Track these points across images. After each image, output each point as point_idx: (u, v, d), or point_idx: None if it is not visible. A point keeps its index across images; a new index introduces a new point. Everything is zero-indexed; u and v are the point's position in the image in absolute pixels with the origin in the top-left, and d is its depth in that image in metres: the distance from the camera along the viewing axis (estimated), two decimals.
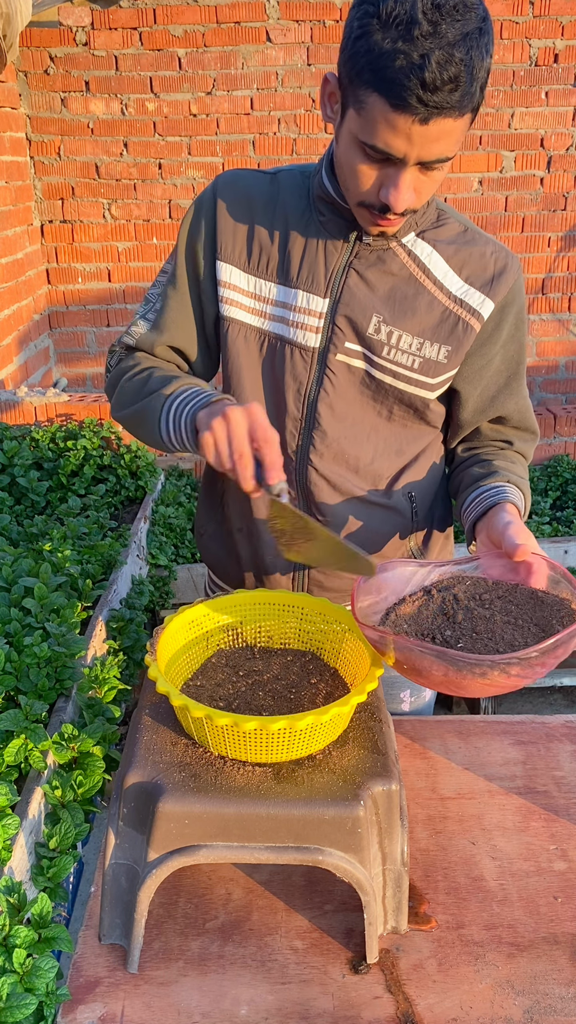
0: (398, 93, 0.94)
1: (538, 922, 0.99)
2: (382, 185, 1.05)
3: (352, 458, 1.27)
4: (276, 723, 0.88)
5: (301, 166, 1.26)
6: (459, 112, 0.97)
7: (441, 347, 1.22)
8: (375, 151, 1.01)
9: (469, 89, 0.95)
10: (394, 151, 1.00)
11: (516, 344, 1.27)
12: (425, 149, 1.00)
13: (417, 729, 1.33)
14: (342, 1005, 0.89)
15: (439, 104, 0.94)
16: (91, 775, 1.12)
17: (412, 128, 0.97)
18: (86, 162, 3.82)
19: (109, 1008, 0.90)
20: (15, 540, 1.93)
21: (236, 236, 1.23)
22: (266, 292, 1.23)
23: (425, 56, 0.92)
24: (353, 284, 1.20)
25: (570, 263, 4.04)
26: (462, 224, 1.24)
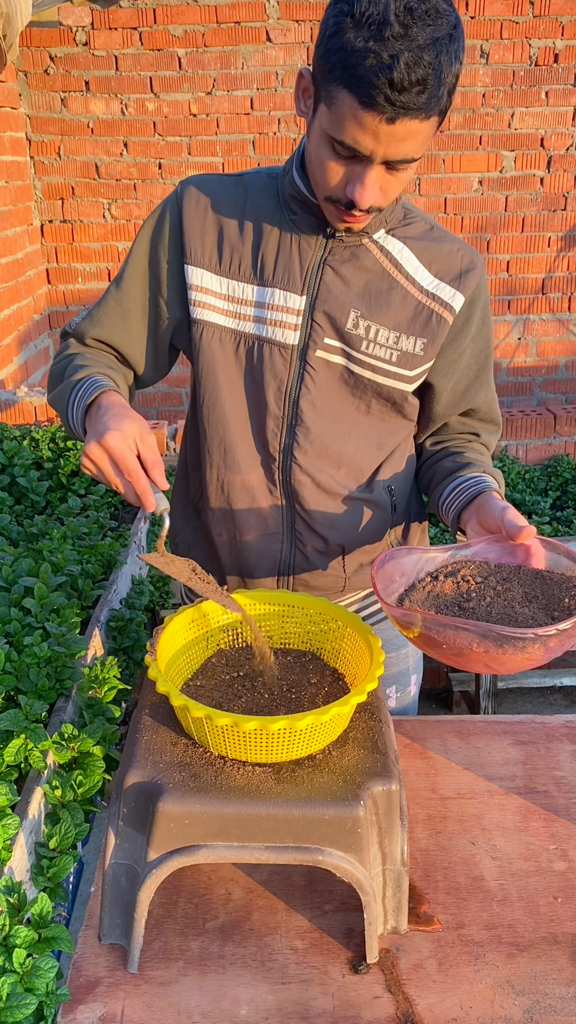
0: (367, 91, 0.96)
1: (538, 922, 0.99)
2: (348, 181, 1.07)
3: (335, 453, 1.27)
4: (276, 723, 0.88)
5: (267, 169, 1.28)
6: (425, 114, 0.99)
7: (417, 340, 1.24)
8: (343, 147, 1.03)
9: (436, 92, 0.98)
10: (361, 148, 1.02)
11: (484, 338, 1.31)
12: (391, 148, 1.02)
13: (417, 729, 1.33)
14: (342, 1005, 0.89)
15: (406, 104, 0.97)
16: (91, 775, 1.12)
17: (379, 127, 0.99)
18: (86, 162, 3.82)
19: (109, 1008, 0.90)
20: (15, 540, 1.93)
21: (205, 239, 1.24)
22: (240, 293, 1.24)
23: (395, 57, 0.94)
24: (329, 280, 1.21)
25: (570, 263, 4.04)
26: (428, 223, 1.27)
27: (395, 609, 0.96)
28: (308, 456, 1.27)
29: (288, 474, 1.28)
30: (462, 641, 0.91)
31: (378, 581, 1.01)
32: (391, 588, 1.03)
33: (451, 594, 1.00)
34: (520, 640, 0.88)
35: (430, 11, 0.95)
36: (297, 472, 1.28)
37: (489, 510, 1.14)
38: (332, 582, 1.36)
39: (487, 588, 1.00)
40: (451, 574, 1.04)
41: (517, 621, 0.94)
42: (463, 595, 1.00)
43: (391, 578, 1.04)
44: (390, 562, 1.05)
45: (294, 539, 1.32)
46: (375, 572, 1.02)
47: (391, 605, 0.97)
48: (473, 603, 0.98)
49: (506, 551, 1.07)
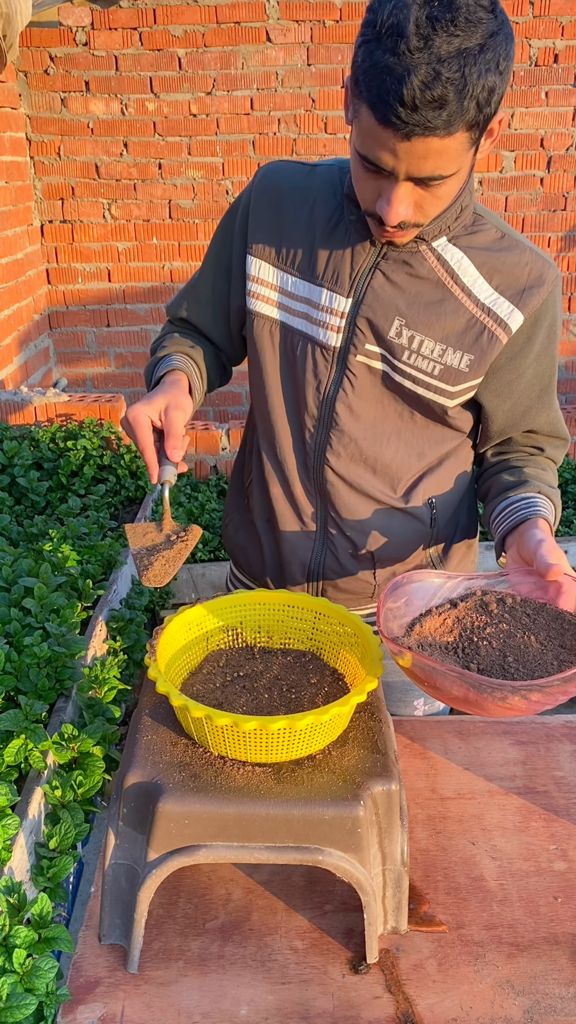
0: (380, 108, 0.93)
1: (538, 922, 0.99)
2: (378, 196, 1.04)
3: (370, 459, 1.26)
4: (276, 723, 0.88)
5: (341, 160, 1.24)
6: (446, 131, 0.93)
7: (464, 355, 1.18)
8: (368, 162, 1.01)
9: (459, 108, 0.91)
10: (382, 164, 0.99)
11: (548, 357, 1.24)
12: (413, 165, 0.97)
13: (417, 729, 1.33)
14: (342, 1005, 0.89)
15: (420, 123, 0.92)
16: (91, 775, 1.12)
17: (396, 144, 0.95)
18: (86, 162, 3.82)
19: (109, 1008, 0.90)
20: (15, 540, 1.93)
21: (267, 230, 1.23)
22: (292, 288, 1.23)
23: (409, 71, 0.89)
24: (378, 286, 1.17)
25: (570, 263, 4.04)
26: (500, 231, 1.20)
27: (386, 640, 0.94)
28: (341, 459, 1.26)
29: (321, 474, 1.28)
30: (445, 682, 0.89)
31: (389, 600, 0.99)
32: (405, 611, 1.01)
33: (464, 626, 0.98)
34: (499, 691, 0.86)
35: (457, 19, 0.88)
36: (329, 474, 1.27)
37: (527, 540, 1.09)
38: (361, 587, 1.34)
39: (502, 624, 0.98)
40: (471, 604, 1.01)
41: (522, 664, 0.92)
42: (476, 628, 0.98)
43: (408, 600, 1.01)
44: (408, 584, 1.02)
45: (326, 540, 1.32)
46: (385, 593, 0.99)
47: (385, 635, 0.95)
48: (485, 637, 0.96)
49: (538, 585, 1.04)
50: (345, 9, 3.59)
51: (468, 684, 0.87)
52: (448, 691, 0.90)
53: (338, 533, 1.31)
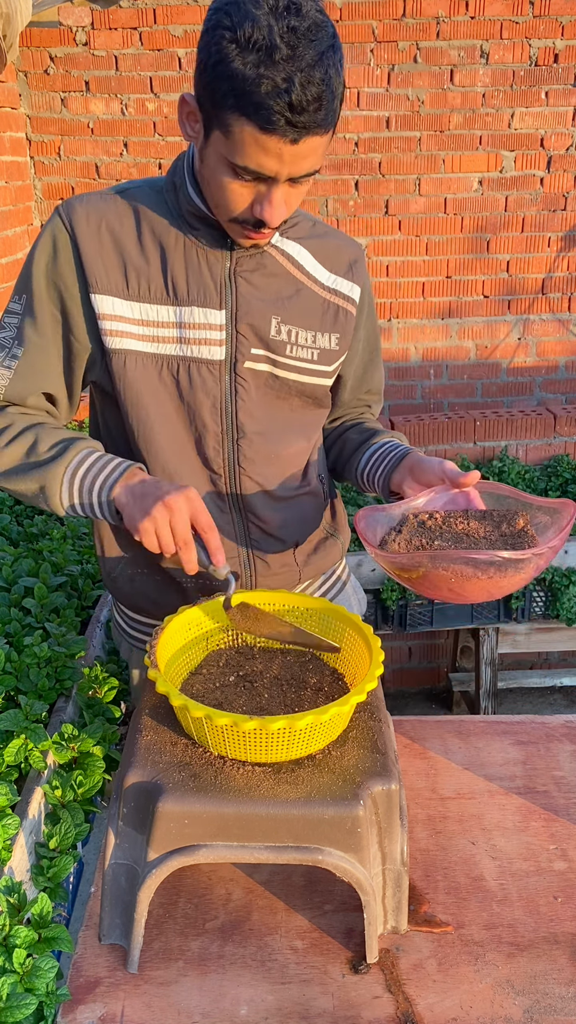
0: (267, 117, 0.96)
1: (538, 922, 0.99)
2: (256, 202, 1.06)
3: (276, 457, 1.28)
4: (275, 723, 0.88)
5: (147, 180, 1.23)
6: (325, 129, 1.00)
7: (331, 335, 1.27)
8: (247, 172, 1.02)
9: (332, 106, 0.99)
10: (266, 171, 1.02)
11: (371, 320, 1.37)
12: (295, 166, 1.02)
13: (417, 729, 1.33)
14: (342, 1005, 0.89)
15: (307, 124, 0.97)
16: (91, 775, 1.12)
17: (283, 149, 0.99)
18: (86, 162, 3.82)
19: (109, 1008, 0.90)
20: (15, 540, 1.93)
21: (107, 264, 1.16)
22: (156, 316, 1.18)
23: (289, 80, 0.94)
24: (245, 291, 1.19)
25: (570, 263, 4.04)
26: (309, 219, 1.28)
27: (399, 556, 1.02)
28: (256, 465, 1.25)
29: (238, 487, 1.26)
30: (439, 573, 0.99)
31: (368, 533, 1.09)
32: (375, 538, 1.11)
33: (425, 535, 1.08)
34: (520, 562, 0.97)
35: (311, 27, 0.96)
36: (247, 483, 1.26)
37: (427, 466, 1.19)
38: (287, 577, 1.36)
39: (451, 528, 1.09)
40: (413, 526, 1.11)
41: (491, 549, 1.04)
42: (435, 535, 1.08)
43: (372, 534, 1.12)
44: (362, 521, 1.11)
45: (250, 548, 1.31)
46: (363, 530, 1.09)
47: (395, 553, 1.04)
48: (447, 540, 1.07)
49: (449, 500, 1.16)
50: (345, 9, 3.59)
51: (467, 562, 0.97)
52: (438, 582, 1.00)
53: (261, 536, 1.30)
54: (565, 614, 2.69)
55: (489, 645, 2.79)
